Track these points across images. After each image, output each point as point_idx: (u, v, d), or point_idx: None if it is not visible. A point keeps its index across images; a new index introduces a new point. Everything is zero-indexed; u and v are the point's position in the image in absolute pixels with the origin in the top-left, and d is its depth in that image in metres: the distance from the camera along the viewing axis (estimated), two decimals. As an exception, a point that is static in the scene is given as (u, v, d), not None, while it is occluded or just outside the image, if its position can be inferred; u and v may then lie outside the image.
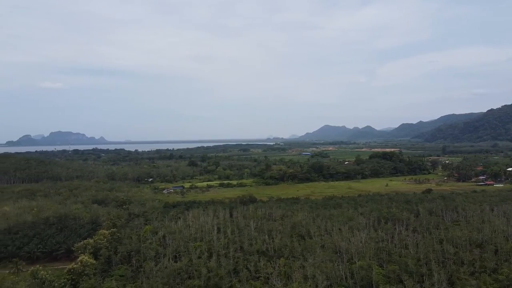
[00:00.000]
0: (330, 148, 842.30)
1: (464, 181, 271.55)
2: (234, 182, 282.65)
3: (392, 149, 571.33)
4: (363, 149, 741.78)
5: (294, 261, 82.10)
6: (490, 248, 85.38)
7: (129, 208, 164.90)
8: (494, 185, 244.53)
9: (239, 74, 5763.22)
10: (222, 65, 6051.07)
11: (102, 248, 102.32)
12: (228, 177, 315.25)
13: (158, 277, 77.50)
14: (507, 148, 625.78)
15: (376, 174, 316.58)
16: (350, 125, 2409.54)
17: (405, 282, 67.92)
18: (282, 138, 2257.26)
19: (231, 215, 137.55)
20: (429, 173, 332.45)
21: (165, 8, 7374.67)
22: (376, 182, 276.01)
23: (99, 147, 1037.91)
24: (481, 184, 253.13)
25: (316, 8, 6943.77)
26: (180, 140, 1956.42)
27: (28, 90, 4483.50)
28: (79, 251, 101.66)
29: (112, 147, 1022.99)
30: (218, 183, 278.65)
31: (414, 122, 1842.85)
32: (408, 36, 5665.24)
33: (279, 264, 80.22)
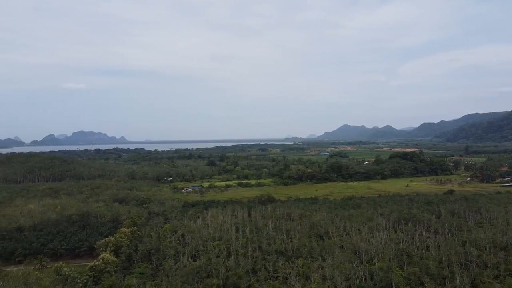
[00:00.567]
0: (349, 148, 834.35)
1: (488, 182, 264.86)
2: (253, 182, 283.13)
3: (413, 149, 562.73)
4: (383, 149, 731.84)
5: (313, 262, 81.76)
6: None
7: (149, 207, 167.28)
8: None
9: (258, 74, 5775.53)
10: (242, 65, 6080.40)
11: (123, 246, 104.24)
12: (247, 177, 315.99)
13: (178, 276, 78.39)
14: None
15: (396, 175, 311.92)
16: (370, 125, 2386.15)
17: (426, 285, 66.82)
18: (301, 138, 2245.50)
19: (250, 215, 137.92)
20: (451, 174, 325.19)
21: (186, 9, 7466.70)
22: (396, 183, 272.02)
23: (120, 147, 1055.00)
24: (506, 185, 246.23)
25: (336, 7, 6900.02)
26: (199, 140, 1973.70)
27: (52, 91, 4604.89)
28: (101, 249, 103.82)
29: (133, 147, 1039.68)
30: (237, 183, 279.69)
31: (436, 122, 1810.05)
32: (429, 34, 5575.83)
33: (298, 264, 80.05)
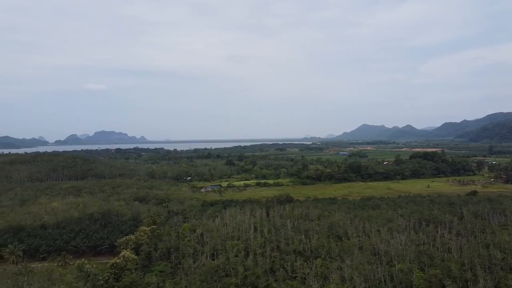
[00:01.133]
0: (369, 148, 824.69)
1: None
2: (271, 182, 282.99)
3: (434, 149, 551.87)
4: (403, 149, 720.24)
5: (331, 262, 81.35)
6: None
7: (168, 206, 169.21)
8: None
9: (276, 74, 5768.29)
10: (260, 65, 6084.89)
11: (143, 244, 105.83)
12: (265, 177, 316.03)
13: (196, 274, 79.18)
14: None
15: (417, 175, 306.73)
16: (389, 124, 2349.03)
17: None
18: (319, 138, 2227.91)
19: (268, 215, 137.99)
20: (474, 174, 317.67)
21: (205, 10, 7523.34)
22: (417, 183, 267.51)
23: (140, 146, 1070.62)
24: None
25: (355, 5, 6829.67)
26: (218, 140, 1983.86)
27: (75, 92, 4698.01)
28: (121, 247, 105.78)
29: (152, 146, 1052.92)
30: (255, 182, 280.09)
31: (458, 121, 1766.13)
32: (453, 32, 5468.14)
33: (316, 265, 79.74)
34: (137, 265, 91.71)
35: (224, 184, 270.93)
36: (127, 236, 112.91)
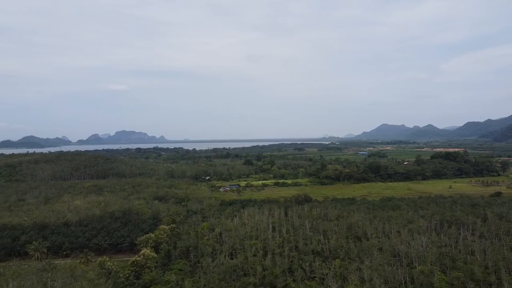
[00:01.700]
0: (388, 148, 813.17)
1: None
2: (289, 181, 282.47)
3: (456, 149, 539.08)
4: (424, 149, 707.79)
5: (350, 263, 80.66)
6: None
7: (187, 205, 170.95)
8: None
9: (295, 73, 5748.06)
10: (278, 65, 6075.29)
11: (163, 243, 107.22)
12: (283, 176, 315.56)
13: (215, 273, 79.69)
14: None
15: (438, 175, 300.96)
16: (410, 124, 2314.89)
17: (471, 290, 64.20)
18: (338, 137, 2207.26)
19: (286, 214, 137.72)
20: (499, 175, 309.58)
21: (222, 10, 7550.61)
22: (438, 184, 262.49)
23: (160, 146, 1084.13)
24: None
25: (372, 4, 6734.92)
26: (236, 139, 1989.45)
27: (96, 93, 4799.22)
28: (141, 245, 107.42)
29: (172, 146, 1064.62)
30: (273, 182, 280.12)
31: (482, 120, 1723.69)
32: (476, 29, 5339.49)
33: (335, 265, 79.21)
34: (157, 263, 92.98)
35: (243, 184, 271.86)
36: (147, 235, 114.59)
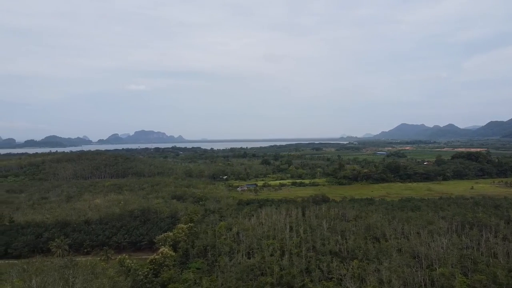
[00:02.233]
0: (408, 148, 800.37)
1: None
2: (307, 181, 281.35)
3: (478, 149, 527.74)
4: (445, 149, 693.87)
5: (368, 264, 79.78)
6: None
7: (205, 204, 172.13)
8: None
9: (312, 73, 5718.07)
10: (296, 64, 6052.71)
11: (181, 242, 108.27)
12: (301, 176, 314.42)
13: (232, 272, 80.00)
14: None
15: (460, 176, 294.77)
16: (430, 123, 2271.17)
17: (493, 294, 62.67)
18: (356, 137, 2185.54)
19: (304, 214, 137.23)
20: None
21: (240, 11, 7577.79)
22: (460, 184, 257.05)
23: (178, 146, 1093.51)
24: None
25: (392, 1, 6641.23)
26: (253, 139, 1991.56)
27: (116, 93, 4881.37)
28: (160, 243, 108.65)
29: (190, 146, 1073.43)
30: (291, 182, 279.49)
31: (505, 120, 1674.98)
32: (499, 26, 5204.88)
33: (353, 266, 78.45)
34: (175, 262, 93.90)
35: (260, 183, 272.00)
36: (166, 233, 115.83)
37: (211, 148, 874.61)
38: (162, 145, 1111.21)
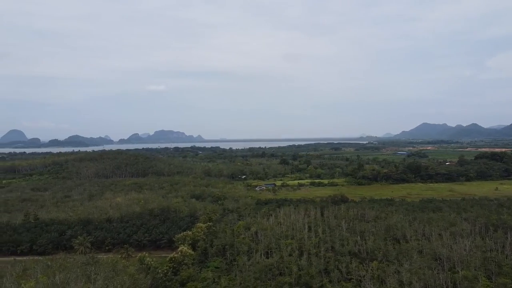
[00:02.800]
0: (429, 148, 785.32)
1: None
2: (325, 181, 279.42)
3: (503, 149, 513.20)
4: (468, 149, 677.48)
5: (388, 265, 78.72)
6: None
7: (224, 204, 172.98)
8: None
9: (332, 72, 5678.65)
10: (315, 63, 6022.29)
11: (200, 240, 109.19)
12: (319, 176, 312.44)
13: (251, 272, 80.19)
14: None
15: (483, 177, 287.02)
16: (452, 123, 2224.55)
17: (518, 298, 60.98)
18: (376, 137, 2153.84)
19: (322, 214, 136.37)
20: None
21: (260, 11, 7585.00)
22: (483, 185, 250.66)
23: (197, 145, 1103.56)
24: None
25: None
26: (272, 139, 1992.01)
27: (137, 93, 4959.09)
28: (179, 242, 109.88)
29: (208, 145, 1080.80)
30: (309, 182, 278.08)
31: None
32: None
33: (372, 267, 77.53)
34: (194, 260, 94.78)
35: (278, 183, 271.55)
36: (185, 232, 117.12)
37: (230, 148, 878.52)
38: (182, 145, 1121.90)
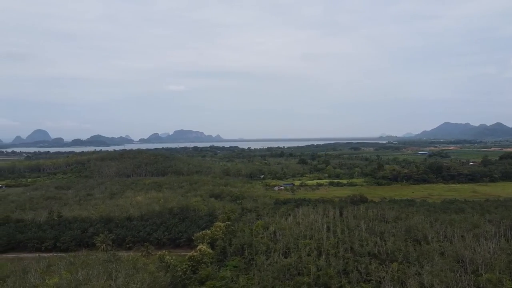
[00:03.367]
0: (451, 148, 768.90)
1: None
2: (344, 181, 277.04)
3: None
4: (492, 149, 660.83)
5: (409, 267, 77.62)
6: None
7: (242, 203, 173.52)
8: None
9: (351, 71, 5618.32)
10: (333, 63, 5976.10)
11: (218, 239, 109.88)
12: (338, 176, 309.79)
13: (269, 271, 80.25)
14: None
15: (508, 177, 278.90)
16: (476, 122, 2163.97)
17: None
18: (396, 137, 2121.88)
19: (341, 215, 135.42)
20: None
21: (277, 10, 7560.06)
22: (508, 186, 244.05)
23: (216, 145, 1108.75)
24: None
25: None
26: (291, 138, 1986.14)
27: (157, 93, 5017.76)
28: (198, 241, 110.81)
29: (227, 145, 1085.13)
30: (328, 182, 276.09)
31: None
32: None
33: (392, 269, 76.57)
34: (213, 259, 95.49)
35: (297, 183, 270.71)
36: (203, 231, 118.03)
37: (249, 147, 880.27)
38: (201, 144, 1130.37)
